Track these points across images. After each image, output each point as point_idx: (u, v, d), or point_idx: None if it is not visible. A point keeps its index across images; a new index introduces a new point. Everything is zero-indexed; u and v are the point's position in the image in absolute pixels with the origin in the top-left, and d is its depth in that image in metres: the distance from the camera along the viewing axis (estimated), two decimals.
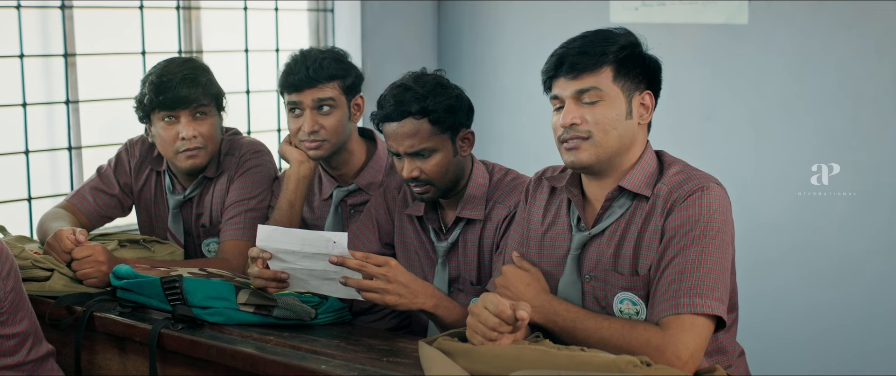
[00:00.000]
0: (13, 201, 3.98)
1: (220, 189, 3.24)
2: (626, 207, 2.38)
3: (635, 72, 2.38)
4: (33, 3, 4.00)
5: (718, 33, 4.42)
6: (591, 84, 2.34)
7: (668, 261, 2.27)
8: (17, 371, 2.56)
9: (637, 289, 2.35)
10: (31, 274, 2.84)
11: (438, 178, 2.75)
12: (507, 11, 5.07)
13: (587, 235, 2.41)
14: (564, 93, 2.37)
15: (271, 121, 4.82)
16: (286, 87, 3.08)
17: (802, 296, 4.30)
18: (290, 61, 3.11)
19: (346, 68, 3.12)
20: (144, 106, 3.14)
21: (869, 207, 4.11)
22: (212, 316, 2.61)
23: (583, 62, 2.34)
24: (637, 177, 2.37)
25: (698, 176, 2.36)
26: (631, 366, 2.02)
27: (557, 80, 2.39)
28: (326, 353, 2.40)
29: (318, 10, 5.04)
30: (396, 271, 2.47)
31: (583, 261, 2.42)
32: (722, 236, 2.28)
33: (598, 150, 2.34)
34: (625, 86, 2.36)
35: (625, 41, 2.39)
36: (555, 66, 2.39)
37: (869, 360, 4.14)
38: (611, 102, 2.34)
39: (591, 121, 2.34)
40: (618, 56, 2.35)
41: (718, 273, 2.25)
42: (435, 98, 2.72)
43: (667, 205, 2.32)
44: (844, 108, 4.15)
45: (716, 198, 2.30)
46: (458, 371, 2.11)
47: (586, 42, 2.38)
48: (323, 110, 3.07)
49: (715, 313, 2.22)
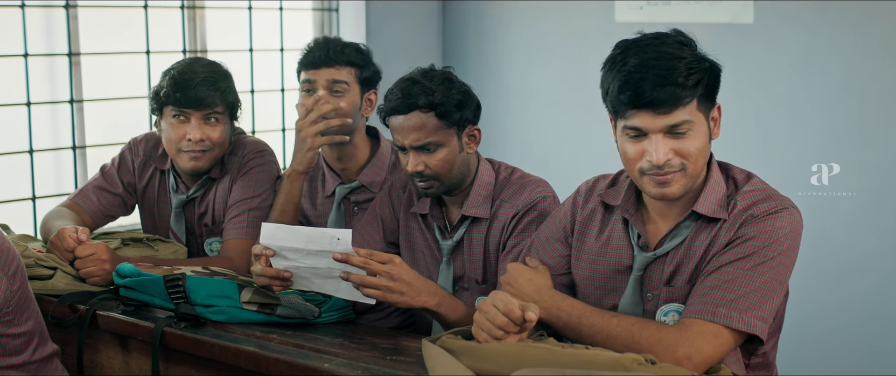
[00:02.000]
0: (17, 200, 3.98)
1: (223, 188, 3.23)
2: (692, 227, 2.30)
3: (711, 91, 2.26)
4: (38, 3, 4.01)
5: (724, 33, 4.41)
6: (682, 119, 2.19)
7: (718, 266, 2.21)
8: (22, 370, 2.55)
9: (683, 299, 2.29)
10: (35, 272, 2.83)
11: (443, 174, 2.75)
12: (512, 11, 5.06)
13: (651, 256, 2.33)
14: (650, 126, 2.20)
15: (276, 121, 4.82)
16: (304, 64, 3.13)
17: (807, 297, 4.28)
18: (312, 42, 3.18)
19: (366, 60, 3.17)
20: (159, 98, 3.13)
21: (874, 207, 4.10)
22: (215, 314, 2.61)
23: (674, 96, 2.17)
24: (710, 201, 2.28)
25: (778, 197, 2.29)
26: (636, 365, 2.00)
27: (639, 112, 2.20)
28: (330, 352, 2.39)
29: (323, 10, 5.04)
30: (400, 269, 2.46)
31: (644, 281, 2.35)
32: (783, 259, 2.22)
33: (689, 181, 2.25)
34: (705, 107, 2.24)
35: (708, 65, 2.24)
36: (635, 96, 2.18)
37: (873, 361, 4.13)
38: (698, 130, 2.23)
39: (685, 152, 2.22)
40: (698, 80, 2.20)
41: (766, 293, 2.18)
42: (443, 92, 2.71)
43: (740, 220, 2.25)
44: (850, 108, 4.14)
45: (791, 221, 2.24)
46: (462, 369, 2.10)
47: (661, 68, 2.18)
48: (337, 93, 3.10)
49: (751, 331, 2.16)
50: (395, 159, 3.19)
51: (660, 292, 2.32)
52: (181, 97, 3.08)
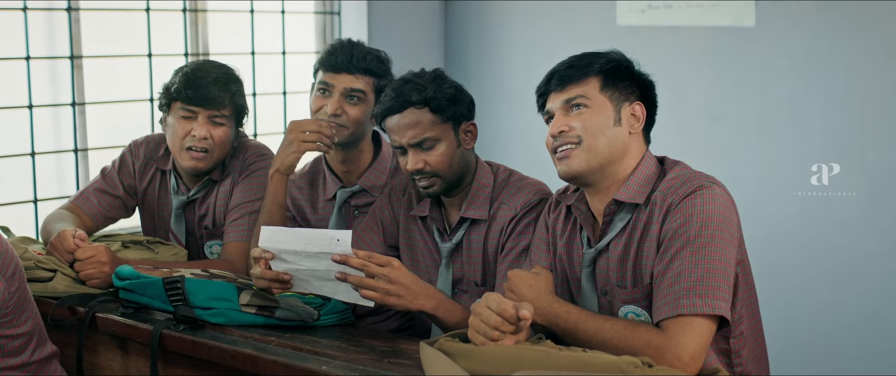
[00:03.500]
0: (19, 203, 3.99)
1: (223, 191, 3.24)
2: (626, 220, 2.40)
3: (624, 83, 2.45)
4: (40, 5, 4.01)
5: (725, 35, 4.41)
6: (577, 93, 2.42)
7: (666, 264, 2.28)
8: (21, 371, 2.56)
9: (639, 301, 2.37)
10: (34, 274, 2.84)
11: (443, 170, 2.75)
12: (514, 12, 5.06)
13: (594, 252, 2.45)
14: (554, 105, 2.45)
15: (278, 124, 4.82)
16: (325, 65, 3.10)
17: (807, 297, 4.29)
18: (336, 43, 3.15)
19: (386, 71, 3.15)
20: (169, 93, 3.14)
21: (876, 208, 4.10)
22: (214, 316, 2.61)
23: (569, 73, 2.44)
24: (631, 188, 2.40)
25: (696, 177, 2.37)
26: (632, 367, 2.02)
27: (549, 95, 2.47)
28: (328, 354, 2.40)
29: (325, 13, 5.05)
30: (398, 271, 2.47)
31: (595, 278, 2.46)
32: (721, 235, 2.27)
33: (588, 155, 2.39)
34: (613, 95, 2.43)
35: (614, 56, 2.48)
36: (545, 82, 2.49)
37: (874, 361, 4.12)
38: (598, 110, 2.41)
39: (579, 126, 2.40)
40: (604, 67, 2.44)
41: (719, 272, 2.24)
42: (434, 88, 2.75)
43: (663, 210, 2.33)
44: (851, 109, 4.14)
45: (713, 197, 2.30)
46: (459, 371, 2.10)
47: (575, 58, 2.48)
48: (352, 100, 3.08)
49: (716, 312, 2.22)
50: (396, 163, 3.19)
51: (613, 291, 2.41)
52: (192, 94, 3.10)
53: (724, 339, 2.38)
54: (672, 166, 2.43)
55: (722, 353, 2.39)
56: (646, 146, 2.48)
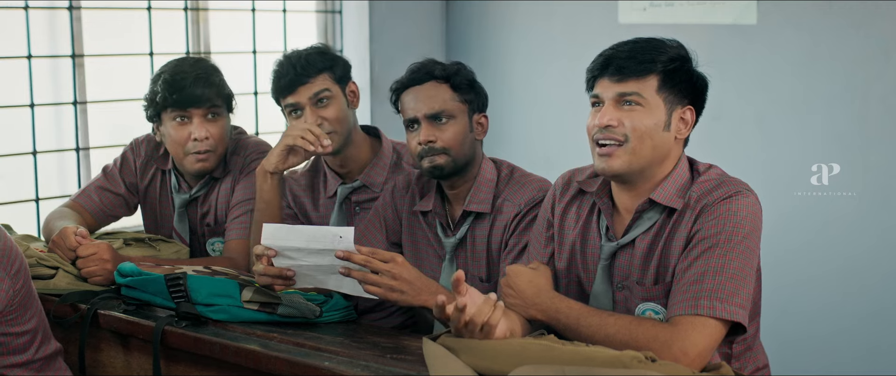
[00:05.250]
0: (21, 202, 3.99)
1: (225, 189, 3.24)
2: (655, 219, 2.36)
3: (681, 86, 2.36)
4: (41, 4, 4.02)
5: (727, 34, 4.40)
6: (634, 89, 2.33)
7: (691, 262, 2.25)
8: (25, 369, 2.56)
9: (660, 299, 2.35)
10: (37, 272, 2.84)
11: (454, 148, 2.77)
12: (516, 12, 5.06)
13: (616, 245, 2.41)
14: (606, 94, 2.35)
15: (279, 123, 4.82)
16: (281, 92, 3.08)
17: (808, 297, 4.28)
18: (276, 68, 3.10)
19: (332, 59, 3.11)
20: (156, 104, 3.13)
21: (877, 208, 4.10)
22: (216, 313, 2.61)
23: (630, 66, 2.33)
24: (668, 190, 2.35)
25: (731, 182, 2.35)
26: (635, 362, 2.01)
27: (601, 80, 2.36)
28: (330, 350, 2.39)
29: (327, 12, 5.05)
30: (402, 268, 2.47)
31: (613, 271, 2.42)
32: (748, 243, 2.26)
33: (632, 158, 2.32)
34: (668, 97, 2.34)
35: (675, 53, 2.37)
36: (601, 67, 2.36)
37: (874, 361, 4.12)
38: (651, 111, 2.32)
39: (629, 125, 2.31)
40: (666, 66, 2.34)
41: (741, 279, 2.23)
42: (456, 69, 2.83)
43: (696, 210, 2.30)
44: (851, 108, 4.14)
45: (747, 204, 2.29)
46: (462, 366, 2.10)
47: (637, 47, 2.36)
48: (322, 103, 3.06)
49: (734, 319, 2.21)
50: (396, 159, 3.19)
51: (632, 286, 2.38)
52: (180, 98, 3.08)
53: (727, 344, 2.37)
54: (705, 169, 2.40)
55: (723, 357, 2.38)
56: (683, 148, 2.44)
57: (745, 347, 2.41)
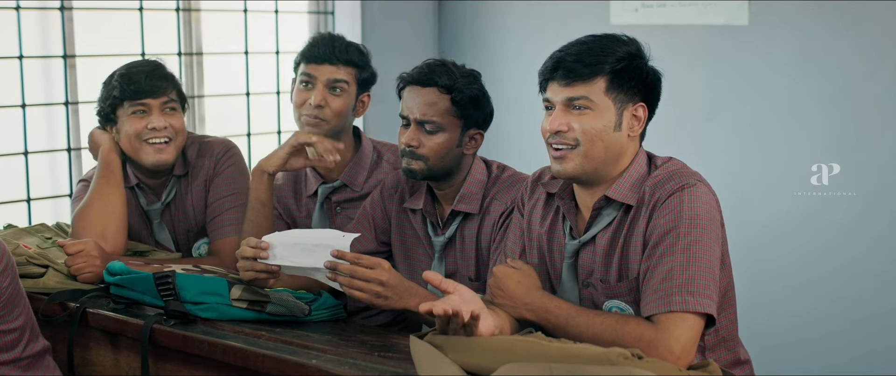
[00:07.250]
0: (12, 202, 3.98)
1: (198, 191, 3.21)
2: (613, 216, 2.39)
3: (630, 84, 2.37)
4: (33, 5, 4.01)
5: (719, 34, 4.41)
6: (581, 93, 2.35)
7: (656, 260, 2.28)
8: (13, 366, 2.56)
9: (623, 296, 2.38)
10: (26, 270, 2.84)
11: (433, 158, 2.77)
12: (508, 12, 5.07)
13: (578, 244, 2.44)
14: (556, 97, 2.38)
15: (271, 124, 4.82)
16: (307, 57, 3.12)
17: (806, 297, 4.28)
18: (317, 36, 3.17)
19: (367, 62, 3.18)
20: (113, 100, 3.10)
21: (871, 207, 4.10)
22: (204, 311, 2.61)
23: (577, 69, 2.34)
24: (623, 187, 2.38)
25: (681, 174, 2.36)
26: (622, 358, 2.01)
27: (551, 83, 2.39)
28: (318, 348, 2.40)
29: (319, 12, 5.05)
30: (387, 274, 2.47)
31: (578, 269, 2.45)
32: (708, 233, 2.28)
33: (584, 160, 2.36)
34: (617, 98, 2.36)
35: (624, 52, 2.37)
36: (550, 70, 2.40)
37: (873, 361, 4.12)
38: (600, 113, 2.35)
39: (578, 129, 2.35)
40: (614, 68, 2.35)
41: (708, 271, 2.26)
42: (465, 83, 2.78)
43: (650, 206, 2.33)
44: (845, 109, 4.14)
45: (699, 195, 2.30)
46: (449, 363, 2.10)
47: (585, 49, 2.37)
48: (335, 91, 3.10)
49: (707, 311, 2.23)
50: (376, 158, 3.21)
51: (596, 284, 2.41)
52: (137, 88, 3.08)
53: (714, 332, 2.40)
54: (663, 162, 2.42)
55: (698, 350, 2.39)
56: (639, 143, 2.46)
57: (718, 339, 2.43)
